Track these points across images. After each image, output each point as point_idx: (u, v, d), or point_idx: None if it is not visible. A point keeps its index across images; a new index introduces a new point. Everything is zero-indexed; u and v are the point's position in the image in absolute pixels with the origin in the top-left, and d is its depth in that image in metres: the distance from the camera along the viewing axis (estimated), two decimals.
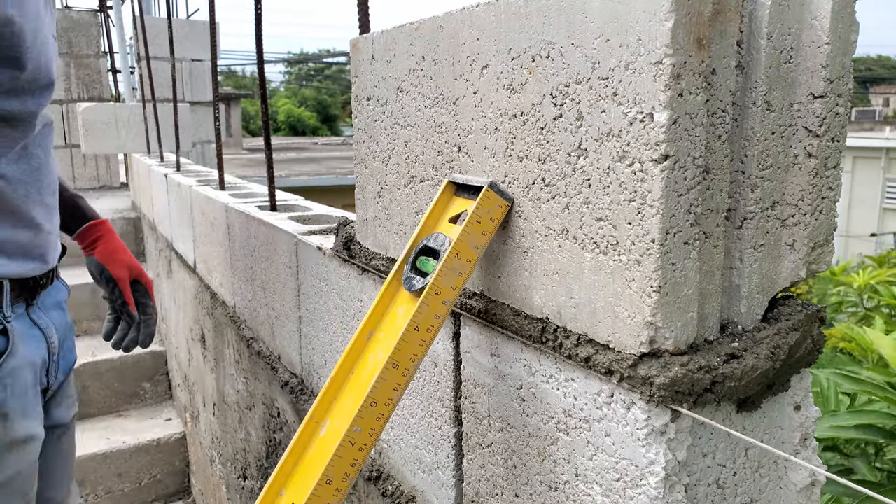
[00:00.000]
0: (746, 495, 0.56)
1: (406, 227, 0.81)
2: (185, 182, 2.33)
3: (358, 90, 0.89)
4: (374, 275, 0.90)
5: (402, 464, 0.89)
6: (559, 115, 0.55)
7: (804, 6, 0.52)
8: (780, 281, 0.56)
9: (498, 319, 0.65)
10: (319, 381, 1.17)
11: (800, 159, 0.54)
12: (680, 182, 0.48)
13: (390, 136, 0.82)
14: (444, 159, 0.71)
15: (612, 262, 0.51)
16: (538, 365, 0.61)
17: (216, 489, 2.19)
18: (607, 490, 0.54)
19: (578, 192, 0.54)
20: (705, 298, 0.52)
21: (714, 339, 0.53)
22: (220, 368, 1.98)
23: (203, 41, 5.15)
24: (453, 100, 0.68)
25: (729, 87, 0.50)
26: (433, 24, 0.70)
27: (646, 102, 0.47)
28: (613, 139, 0.50)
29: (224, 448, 2.03)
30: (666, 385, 0.49)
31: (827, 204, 0.55)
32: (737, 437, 0.53)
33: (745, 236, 0.54)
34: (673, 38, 0.45)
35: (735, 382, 0.51)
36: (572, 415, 0.57)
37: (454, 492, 0.77)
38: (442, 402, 0.77)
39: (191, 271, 2.30)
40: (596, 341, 0.54)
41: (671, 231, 0.48)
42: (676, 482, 0.50)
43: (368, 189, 0.89)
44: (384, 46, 0.81)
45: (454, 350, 0.74)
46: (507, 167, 0.62)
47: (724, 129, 0.50)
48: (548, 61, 0.55)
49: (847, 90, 0.54)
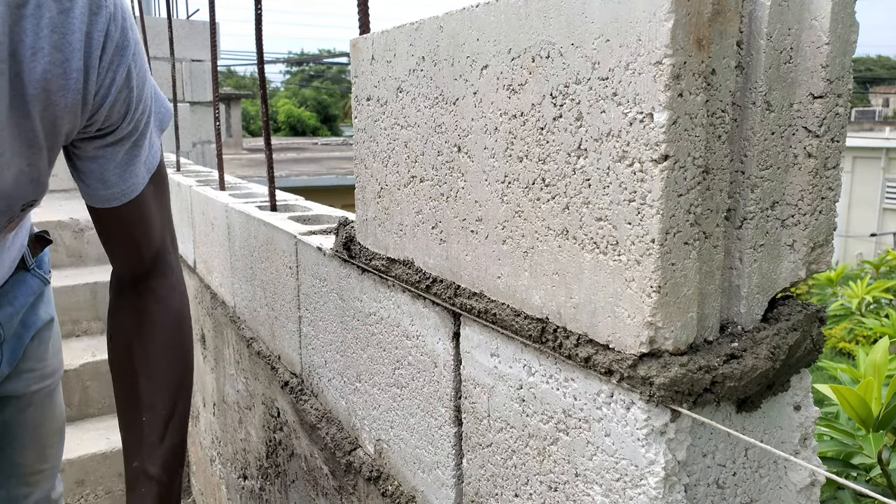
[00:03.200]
0: (746, 495, 0.56)
1: (406, 227, 0.81)
2: (184, 182, 2.33)
3: (358, 90, 0.89)
4: (374, 275, 0.90)
5: (401, 464, 0.89)
6: (559, 115, 0.55)
7: (804, 6, 0.52)
8: (780, 281, 0.56)
9: (498, 319, 0.65)
10: (319, 382, 1.17)
11: (800, 159, 0.54)
12: (680, 182, 0.48)
13: (390, 136, 0.82)
14: (444, 159, 0.71)
15: (611, 263, 0.52)
16: (538, 365, 0.61)
17: (216, 489, 2.19)
18: (607, 490, 0.54)
19: (578, 193, 0.54)
20: (705, 298, 0.52)
21: (714, 340, 0.53)
22: (219, 368, 1.98)
23: (203, 41, 5.15)
24: (453, 100, 0.68)
25: (729, 87, 0.50)
26: (433, 24, 0.70)
27: (646, 103, 0.47)
28: (613, 139, 0.50)
29: (224, 448, 2.03)
30: (666, 385, 0.49)
31: (827, 204, 0.55)
32: (737, 437, 0.53)
33: (744, 236, 0.54)
34: (673, 38, 0.45)
35: (735, 382, 0.51)
36: (572, 415, 0.57)
37: (454, 492, 0.77)
38: (442, 402, 0.78)
39: (191, 271, 2.30)
40: (596, 341, 0.54)
41: (671, 231, 0.48)
42: (676, 482, 0.50)
43: (368, 189, 0.89)
44: (384, 46, 0.81)
45: (454, 350, 0.74)
46: (506, 167, 0.62)
47: (723, 129, 0.50)
48: (547, 61, 0.55)
49: (847, 90, 0.54)
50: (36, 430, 1.23)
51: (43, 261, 1.18)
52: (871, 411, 1.25)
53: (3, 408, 1.17)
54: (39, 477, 1.27)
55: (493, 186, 0.64)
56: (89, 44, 0.71)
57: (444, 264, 0.74)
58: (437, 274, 0.75)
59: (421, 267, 0.79)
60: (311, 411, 1.19)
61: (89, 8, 0.70)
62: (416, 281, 0.79)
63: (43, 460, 1.26)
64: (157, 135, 0.91)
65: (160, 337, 0.98)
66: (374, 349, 0.93)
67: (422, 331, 0.80)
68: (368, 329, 0.94)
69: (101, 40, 0.72)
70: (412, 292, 0.81)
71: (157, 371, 0.97)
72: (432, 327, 0.78)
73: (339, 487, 1.08)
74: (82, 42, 0.70)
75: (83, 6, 0.70)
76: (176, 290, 1.01)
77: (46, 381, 1.23)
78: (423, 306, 0.79)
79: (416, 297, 0.81)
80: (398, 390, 0.88)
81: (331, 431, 1.10)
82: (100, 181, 0.84)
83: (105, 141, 0.82)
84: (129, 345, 0.98)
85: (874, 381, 1.27)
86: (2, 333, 1.09)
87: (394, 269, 0.84)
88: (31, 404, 1.21)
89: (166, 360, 0.98)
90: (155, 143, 0.90)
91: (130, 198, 0.87)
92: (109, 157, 0.83)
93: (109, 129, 0.81)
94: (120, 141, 0.82)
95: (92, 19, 0.71)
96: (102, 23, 0.72)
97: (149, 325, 0.98)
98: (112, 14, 0.73)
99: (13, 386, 1.16)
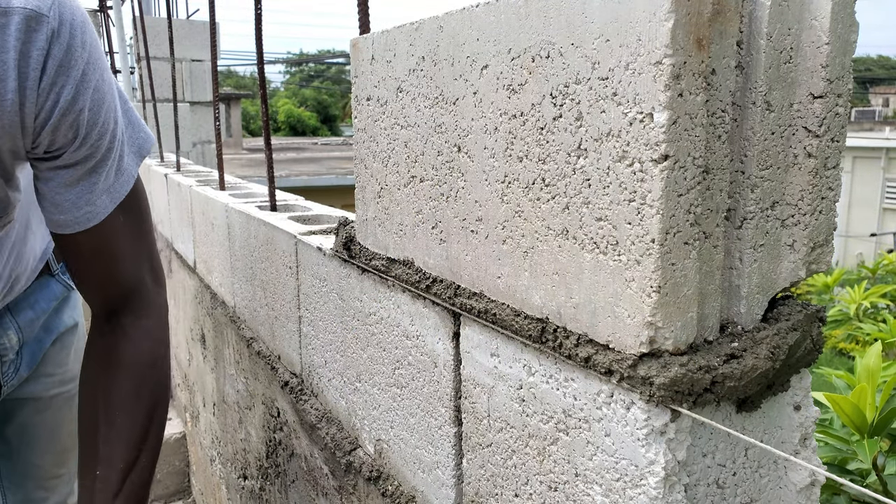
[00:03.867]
0: (746, 495, 0.56)
1: (406, 227, 0.81)
2: (184, 182, 2.33)
3: (358, 90, 0.89)
4: (374, 275, 0.90)
5: (401, 464, 0.89)
6: (559, 115, 0.55)
7: (804, 6, 0.52)
8: (780, 281, 0.56)
9: (498, 319, 0.65)
10: (319, 382, 1.17)
11: (799, 159, 0.54)
12: (680, 182, 0.48)
13: (390, 136, 0.82)
14: (444, 159, 0.71)
15: (611, 263, 0.52)
16: (538, 365, 0.61)
17: (216, 489, 2.19)
18: (607, 490, 0.54)
19: (578, 193, 0.54)
20: (705, 298, 0.52)
21: (714, 340, 0.53)
22: (219, 368, 1.98)
23: (203, 41, 5.14)
24: (453, 100, 0.68)
25: (729, 87, 0.50)
26: (433, 24, 0.70)
27: (645, 103, 0.47)
28: (613, 139, 0.50)
29: (224, 448, 2.03)
30: (666, 385, 0.49)
31: (827, 204, 0.55)
32: (737, 437, 0.53)
33: (744, 236, 0.54)
34: (673, 38, 0.45)
35: (735, 382, 0.51)
36: (572, 415, 0.57)
37: (454, 492, 0.77)
38: (442, 402, 0.77)
39: (190, 271, 2.30)
40: (596, 341, 0.54)
41: (671, 231, 0.48)
42: (676, 482, 0.50)
43: (368, 189, 0.89)
44: (384, 46, 0.81)
45: (454, 350, 0.74)
46: (506, 167, 0.62)
47: (723, 129, 0.50)
48: (547, 61, 0.55)
49: (847, 90, 0.54)
50: (54, 434, 1.24)
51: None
52: (866, 418, 1.25)
53: (21, 410, 1.17)
54: (57, 482, 1.27)
55: (493, 186, 0.64)
56: (25, 63, 0.66)
57: (444, 264, 0.74)
58: (437, 274, 0.75)
59: (421, 267, 0.79)
60: (311, 411, 1.19)
61: (26, 24, 0.64)
62: (416, 281, 0.79)
63: (61, 464, 1.27)
64: (133, 162, 0.84)
65: (126, 382, 0.89)
66: (374, 349, 0.93)
67: (422, 331, 0.80)
68: (368, 329, 0.94)
69: (40, 59, 0.66)
70: (412, 292, 0.81)
71: (119, 420, 0.88)
72: (432, 327, 0.78)
73: (339, 487, 1.08)
74: (16, 61, 0.65)
75: (19, 22, 0.64)
76: (150, 331, 0.93)
77: (66, 387, 1.23)
78: (423, 306, 0.79)
79: (416, 297, 0.81)
80: (398, 390, 0.88)
81: (331, 431, 1.10)
82: (52, 204, 0.79)
83: (54, 164, 0.76)
84: (94, 387, 0.91)
85: (867, 386, 1.27)
86: (21, 337, 1.10)
87: (394, 269, 0.84)
88: (50, 408, 1.21)
89: (131, 408, 0.89)
90: (126, 171, 0.83)
91: (87, 226, 0.80)
92: (60, 181, 0.77)
93: (58, 152, 0.75)
94: (72, 166, 0.76)
95: (29, 36, 0.65)
96: (42, 40, 0.66)
97: (114, 368, 0.90)
98: (55, 30, 0.66)
99: (32, 389, 1.17)
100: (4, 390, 1.11)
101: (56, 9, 0.66)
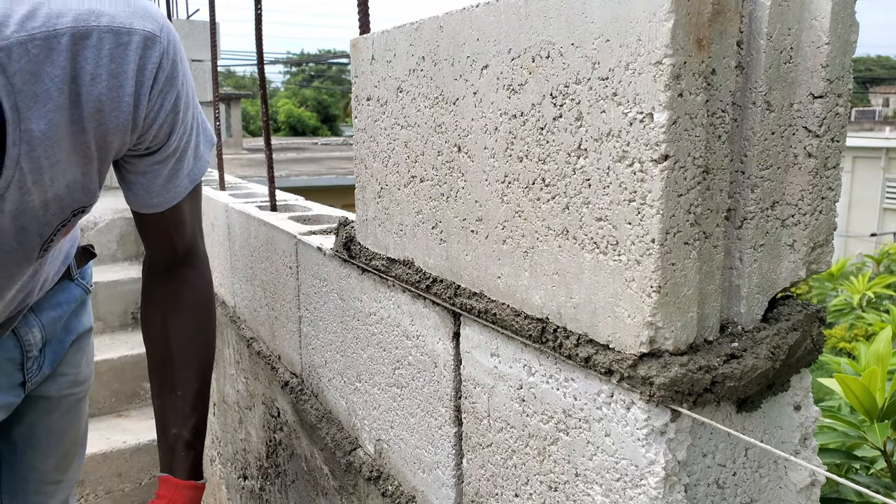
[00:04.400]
0: (746, 495, 0.56)
1: (406, 227, 0.81)
2: None
3: (358, 90, 0.89)
4: (374, 275, 0.90)
5: (401, 464, 0.89)
6: (559, 115, 0.55)
7: (804, 6, 0.52)
8: (780, 281, 0.56)
9: (498, 319, 0.65)
10: (319, 382, 1.17)
11: (800, 159, 0.54)
12: (680, 182, 0.48)
13: (390, 136, 0.82)
14: (444, 159, 0.71)
15: (612, 263, 0.52)
16: (538, 365, 0.61)
17: (216, 489, 2.19)
18: (607, 490, 0.54)
19: (578, 193, 0.54)
20: (705, 298, 0.52)
21: (714, 339, 0.53)
22: (220, 368, 1.98)
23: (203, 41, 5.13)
24: (453, 100, 0.68)
25: (729, 87, 0.50)
26: (433, 24, 0.70)
27: (646, 103, 0.47)
28: (613, 139, 0.50)
29: (224, 448, 2.03)
30: (666, 385, 0.49)
31: (827, 204, 0.55)
32: (737, 437, 0.53)
33: (744, 236, 0.54)
34: (673, 38, 0.45)
35: (735, 382, 0.51)
36: (572, 415, 0.57)
37: (454, 491, 0.77)
38: (442, 402, 0.77)
39: None
40: (596, 341, 0.54)
41: (671, 231, 0.48)
42: (676, 482, 0.50)
43: (368, 189, 0.89)
44: (384, 46, 0.81)
45: (454, 350, 0.74)
46: (506, 167, 0.62)
47: (723, 129, 0.50)
48: (547, 61, 0.55)
49: (847, 90, 0.54)
50: (59, 437, 1.26)
51: (86, 272, 1.25)
52: (876, 401, 1.24)
53: (32, 408, 1.20)
54: (56, 487, 1.29)
55: (493, 186, 0.64)
56: (142, 74, 0.80)
57: (444, 264, 0.74)
58: (437, 274, 0.75)
59: (421, 267, 0.79)
60: (311, 411, 1.19)
61: (144, 43, 0.79)
62: (417, 281, 0.79)
63: (63, 470, 1.29)
64: (206, 149, 1.01)
65: (191, 318, 1.08)
66: (374, 349, 0.93)
67: (422, 331, 0.80)
68: (368, 329, 0.94)
69: (153, 71, 0.81)
70: (412, 292, 0.81)
71: (189, 350, 1.08)
72: (432, 327, 0.78)
73: (340, 487, 1.08)
74: (134, 71, 0.79)
75: (139, 41, 0.79)
76: (204, 278, 1.11)
77: (77, 388, 1.26)
78: (424, 306, 0.79)
79: (416, 297, 0.81)
80: (398, 390, 0.88)
81: (331, 431, 1.10)
82: (145, 190, 0.95)
83: (153, 158, 0.91)
84: (164, 324, 1.08)
85: (878, 370, 1.26)
86: (44, 335, 1.14)
87: (394, 269, 0.84)
88: (59, 409, 1.24)
89: (196, 341, 1.09)
90: (202, 157, 1.00)
91: (171, 205, 0.97)
92: (157, 173, 0.94)
93: (156, 146, 0.90)
94: (165, 158, 0.92)
95: (146, 52, 0.79)
96: (156, 56, 0.80)
97: (181, 307, 1.08)
98: (165, 49, 0.81)
99: (46, 387, 1.20)
100: (28, 387, 1.14)
101: (166, 32, 0.82)
